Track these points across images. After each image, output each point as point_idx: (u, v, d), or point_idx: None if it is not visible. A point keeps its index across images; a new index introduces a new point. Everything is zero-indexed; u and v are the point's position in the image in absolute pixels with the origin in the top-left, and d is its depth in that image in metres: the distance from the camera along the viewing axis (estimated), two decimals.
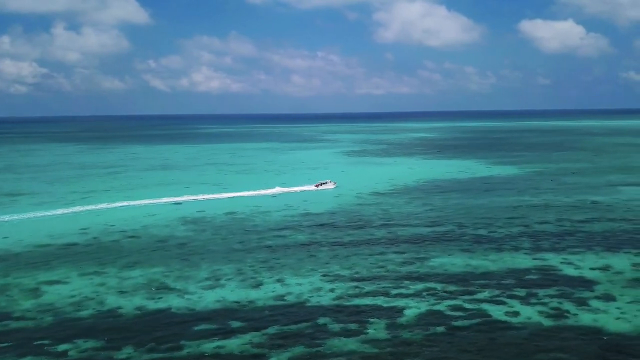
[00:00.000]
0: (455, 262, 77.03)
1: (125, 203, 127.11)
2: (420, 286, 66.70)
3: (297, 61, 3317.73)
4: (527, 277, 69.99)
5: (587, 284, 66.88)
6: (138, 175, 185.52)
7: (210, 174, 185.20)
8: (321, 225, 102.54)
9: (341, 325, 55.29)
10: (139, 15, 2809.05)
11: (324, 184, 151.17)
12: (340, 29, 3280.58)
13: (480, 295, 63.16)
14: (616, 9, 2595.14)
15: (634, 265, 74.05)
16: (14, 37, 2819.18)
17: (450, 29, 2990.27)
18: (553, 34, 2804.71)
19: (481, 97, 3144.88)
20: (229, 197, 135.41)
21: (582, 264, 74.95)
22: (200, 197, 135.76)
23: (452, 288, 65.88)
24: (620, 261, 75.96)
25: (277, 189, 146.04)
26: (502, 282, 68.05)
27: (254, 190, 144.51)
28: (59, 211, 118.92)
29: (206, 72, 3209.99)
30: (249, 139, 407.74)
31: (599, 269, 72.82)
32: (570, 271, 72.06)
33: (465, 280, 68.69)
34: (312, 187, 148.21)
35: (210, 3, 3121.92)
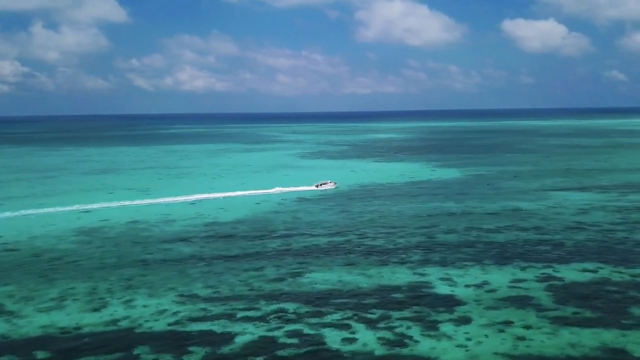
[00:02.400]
0: (329, 277, 72.63)
1: (30, 211, 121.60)
2: (273, 307, 62.16)
3: (281, 60, 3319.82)
4: (392, 295, 65.71)
5: (451, 304, 62.68)
6: (69, 180, 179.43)
7: (144, 179, 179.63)
8: (218, 236, 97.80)
9: (155, 355, 50.60)
10: (117, 14, 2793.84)
11: (324, 184, 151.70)
12: (322, 27, 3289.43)
13: (329, 318, 58.71)
14: (594, 8, 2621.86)
15: (513, 281, 70.06)
16: None
17: (432, 28, 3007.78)
18: (535, 33, 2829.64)
19: (467, 96, 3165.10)
20: (144, 204, 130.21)
21: (461, 280, 70.84)
22: (115, 204, 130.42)
23: (305, 309, 61.40)
24: (502, 277, 71.97)
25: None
26: (363, 301, 63.70)
27: (177, 196, 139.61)
28: None
29: (190, 71, 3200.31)
30: (211, 140, 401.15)
31: (475, 285, 68.75)
32: (442, 289, 67.89)
33: (324, 300, 64.26)
34: (312, 187, 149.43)
35: (187, 2, 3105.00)
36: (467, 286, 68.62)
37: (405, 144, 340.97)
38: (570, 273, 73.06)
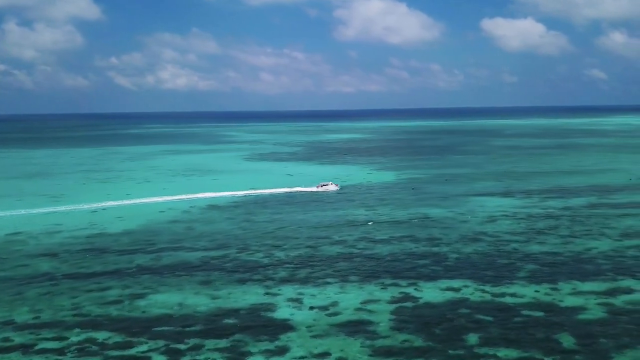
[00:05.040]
0: (172, 299, 67.31)
1: None
2: (83, 336, 56.77)
3: (262, 58, 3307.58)
4: (224, 321, 60.54)
5: (280, 330, 57.63)
6: None
7: (67, 184, 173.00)
8: (92, 249, 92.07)
9: None
10: (91, 11, 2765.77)
11: (325, 185, 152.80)
12: (302, 26, 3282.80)
13: (134, 350, 53.55)
14: (571, 8, 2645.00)
15: (365, 302, 65.22)
16: None
17: (411, 26, 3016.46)
18: (515, 32, 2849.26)
19: (451, 95, 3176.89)
20: (43, 213, 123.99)
21: (310, 301, 65.88)
22: (9, 212, 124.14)
23: (116, 339, 56.07)
24: (357, 296, 67.12)
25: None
26: (187, 328, 58.48)
27: (85, 203, 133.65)
28: None
29: (172, 70, 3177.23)
30: (169, 141, 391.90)
31: (321, 307, 63.81)
32: (284, 312, 62.83)
33: (147, 327, 58.90)
34: (314, 188, 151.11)
35: (162, 0, 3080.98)
36: (312, 308, 63.68)
37: (361, 145, 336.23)
38: (431, 292, 68.43)
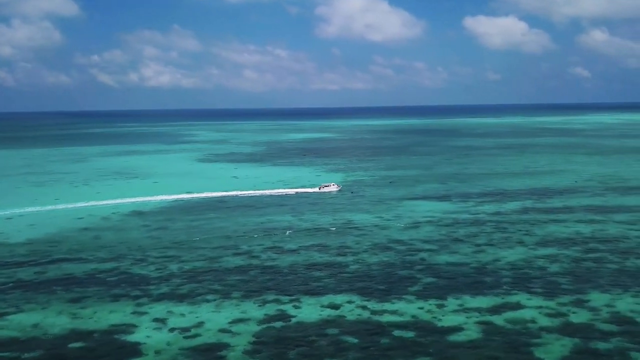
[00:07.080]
0: (30, 320, 62.83)
1: None
2: None
3: (245, 56, 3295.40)
4: (70, 345, 56.19)
5: (128, 354, 53.66)
6: None
7: None
8: None
9: None
10: (68, 8, 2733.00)
11: (326, 186, 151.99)
12: (283, 23, 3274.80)
13: None
14: (551, 6, 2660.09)
15: (233, 321, 61.21)
16: None
17: (393, 24, 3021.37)
18: (497, 30, 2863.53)
19: (436, 93, 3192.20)
20: None
21: (175, 321, 61.77)
22: None
23: None
24: (229, 314, 63.19)
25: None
26: (25, 354, 54.09)
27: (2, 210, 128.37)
28: None
29: (155, 67, 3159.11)
30: (128, 141, 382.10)
31: (182, 328, 59.65)
32: (141, 334, 58.63)
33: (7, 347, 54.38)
34: (316, 190, 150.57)
35: None
36: (172, 330, 59.47)
37: (325, 145, 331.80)
38: (310, 309, 64.55)
